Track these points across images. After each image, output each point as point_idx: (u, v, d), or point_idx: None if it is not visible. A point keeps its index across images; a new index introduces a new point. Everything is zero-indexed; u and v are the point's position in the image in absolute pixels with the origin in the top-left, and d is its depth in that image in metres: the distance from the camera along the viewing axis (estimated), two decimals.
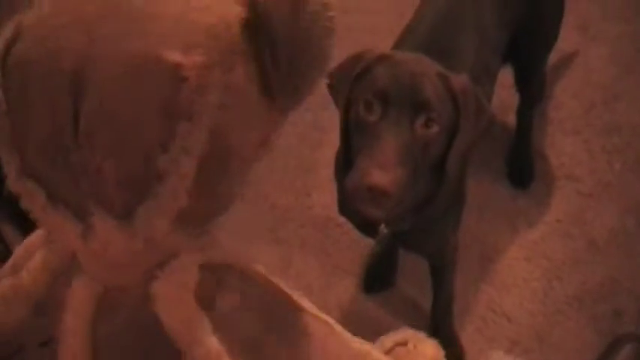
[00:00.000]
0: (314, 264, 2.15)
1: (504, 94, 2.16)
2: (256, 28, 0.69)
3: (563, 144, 2.30)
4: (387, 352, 0.95)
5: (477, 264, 2.11)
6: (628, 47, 2.46)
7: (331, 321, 0.88)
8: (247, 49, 0.70)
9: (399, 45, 1.72)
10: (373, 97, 1.35)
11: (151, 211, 0.68)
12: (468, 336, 2.01)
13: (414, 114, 1.35)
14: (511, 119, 2.24)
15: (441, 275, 1.88)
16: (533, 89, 2.13)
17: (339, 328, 0.88)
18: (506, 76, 1.93)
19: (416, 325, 1.96)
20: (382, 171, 1.28)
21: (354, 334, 1.99)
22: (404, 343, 0.98)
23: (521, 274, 2.10)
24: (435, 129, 1.36)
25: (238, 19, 0.68)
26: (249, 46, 0.70)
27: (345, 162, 1.44)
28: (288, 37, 0.71)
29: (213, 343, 0.74)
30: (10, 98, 0.69)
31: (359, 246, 2.11)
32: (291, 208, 2.24)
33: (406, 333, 0.97)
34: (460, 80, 1.42)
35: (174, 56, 0.64)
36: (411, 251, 1.82)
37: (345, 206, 1.58)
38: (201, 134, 0.66)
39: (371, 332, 1.98)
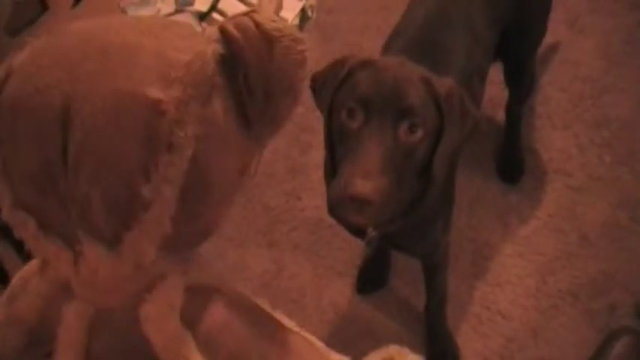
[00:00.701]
0: (307, 266, 2.14)
1: (493, 90, 2.16)
2: (232, 63, 0.74)
3: (553, 138, 2.29)
4: None
5: (470, 261, 2.11)
6: (616, 40, 2.46)
7: (311, 338, 0.92)
8: (224, 83, 0.75)
9: (388, 45, 1.71)
10: (355, 104, 1.34)
11: (138, 238, 0.72)
12: (462, 334, 2.01)
13: (397, 120, 1.33)
14: (500, 115, 2.24)
15: (433, 275, 1.87)
16: (522, 85, 2.12)
17: (319, 344, 0.92)
18: (494, 72, 1.92)
19: (410, 325, 2.02)
20: (364, 179, 1.26)
21: (349, 335, 2.01)
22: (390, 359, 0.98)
23: (514, 271, 2.10)
24: (419, 134, 1.34)
25: (214, 55, 0.73)
26: (225, 80, 0.75)
27: (331, 168, 1.43)
28: (262, 71, 0.76)
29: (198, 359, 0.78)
30: (2, 134, 0.74)
31: (351, 247, 2.10)
32: (283, 211, 2.23)
33: (391, 349, 0.99)
34: (444, 84, 1.40)
35: (154, 92, 0.69)
36: (402, 253, 1.81)
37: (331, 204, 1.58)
38: (181, 164, 0.71)
39: (365, 333, 2.03)
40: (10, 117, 0.73)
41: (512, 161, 2.24)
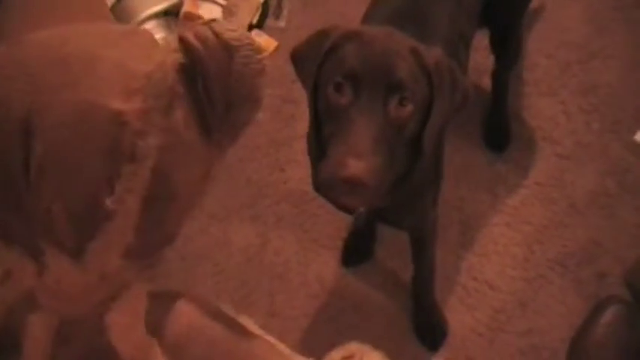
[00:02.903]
0: (291, 240, 2.11)
1: (478, 57, 2.12)
2: (192, 72, 0.75)
3: (540, 106, 2.26)
4: None
5: (457, 232, 2.08)
6: (602, 5, 2.41)
7: (274, 341, 0.93)
8: (184, 92, 0.75)
9: (370, 15, 1.66)
10: (343, 79, 1.29)
11: (101, 248, 0.72)
12: (450, 306, 1.99)
13: (387, 95, 1.29)
14: (486, 82, 2.20)
15: (421, 248, 1.84)
16: (509, 51, 2.08)
17: (281, 346, 0.94)
18: (479, 38, 1.88)
19: (397, 298, 2.00)
20: (358, 160, 1.22)
21: (335, 309, 1.99)
22: (351, 357, 0.98)
23: (502, 240, 2.07)
24: (409, 108, 1.30)
25: (174, 64, 0.74)
26: (185, 89, 0.75)
27: (317, 144, 1.39)
28: (222, 80, 0.76)
29: None
30: None
31: (336, 219, 2.07)
32: (266, 184, 2.19)
33: (352, 347, 0.98)
34: (434, 54, 1.36)
35: (115, 103, 0.69)
36: (390, 226, 1.78)
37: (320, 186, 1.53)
38: (144, 174, 0.71)
39: (352, 306, 2.01)
40: None
41: (499, 129, 2.21)
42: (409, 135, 1.34)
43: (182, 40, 0.76)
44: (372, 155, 1.24)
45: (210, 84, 0.76)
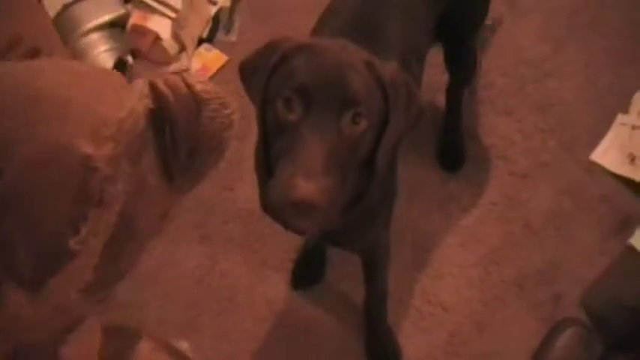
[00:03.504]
0: (240, 261, 2.03)
1: (432, 74, 2.05)
2: (160, 119, 0.75)
3: (495, 124, 2.22)
4: None
5: (410, 253, 2.02)
6: (558, 24, 2.39)
7: None
8: (150, 137, 0.76)
9: (320, 27, 1.60)
10: (293, 94, 1.21)
11: (60, 284, 0.72)
12: (403, 330, 1.93)
13: (340, 111, 1.21)
14: (440, 100, 2.16)
15: (373, 271, 1.78)
16: (463, 67, 2.04)
17: None
18: (433, 54, 1.83)
19: (349, 321, 1.93)
20: (308, 181, 1.14)
21: (284, 333, 1.92)
22: None
23: (456, 261, 2.02)
24: (363, 124, 1.23)
25: (145, 111, 0.75)
26: (152, 134, 0.76)
27: (265, 162, 1.31)
28: (189, 130, 0.78)
29: None
30: None
31: (286, 240, 2.00)
32: (215, 203, 2.12)
33: None
34: (389, 68, 1.29)
35: (86, 148, 0.69)
36: (341, 249, 1.71)
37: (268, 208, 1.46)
38: (110, 218, 0.72)
39: (302, 330, 1.93)
40: None
41: (453, 148, 2.16)
42: (363, 153, 1.27)
43: (152, 87, 0.76)
44: (324, 175, 1.16)
45: (177, 132, 0.77)
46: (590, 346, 1.85)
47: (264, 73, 1.26)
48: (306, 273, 2.00)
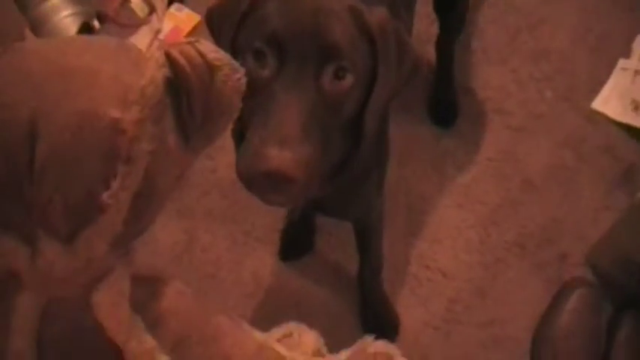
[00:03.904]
0: (222, 234, 1.91)
1: (421, 25, 1.95)
2: (176, 86, 0.84)
3: (489, 75, 2.10)
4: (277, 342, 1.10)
5: (404, 216, 1.91)
6: None
7: (238, 319, 1.06)
8: (168, 102, 0.84)
9: None
10: (264, 45, 1.07)
11: (92, 236, 0.82)
12: (401, 299, 1.82)
13: (320, 64, 1.07)
14: (430, 52, 2.03)
15: (367, 238, 1.66)
16: (454, 16, 1.91)
17: (242, 321, 1.07)
18: (421, 4, 1.69)
19: (341, 293, 1.81)
20: (282, 149, 1.01)
21: (273, 308, 1.81)
22: (289, 335, 1.10)
23: (454, 223, 1.92)
24: (348, 80, 1.09)
25: (164, 79, 0.82)
26: (169, 99, 0.84)
27: (239, 125, 1.16)
28: (203, 95, 0.86)
29: (147, 339, 0.91)
30: None
31: (271, 209, 1.85)
32: (193, 174, 1.98)
33: (290, 326, 1.11)
34: (378, 15, 1.14)
35: (114, 112, 0.78)
36: (331, 217, 1.58)
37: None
38: (137, 174, 0.81)
39: (291, 305, 1.81)
40: None
41: (446, 102, 2.04)
42: (348, 113, 1.13)
43: (169, 57, 0.83)
44: (301, 142, 1.03)
45: (192, 97, 0.85)
46: (599, 307, 1.75)
47: (232, 22, 1.12)
48: (294, 243, 1.88)
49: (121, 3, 2.23)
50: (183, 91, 0.84)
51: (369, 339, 1.07)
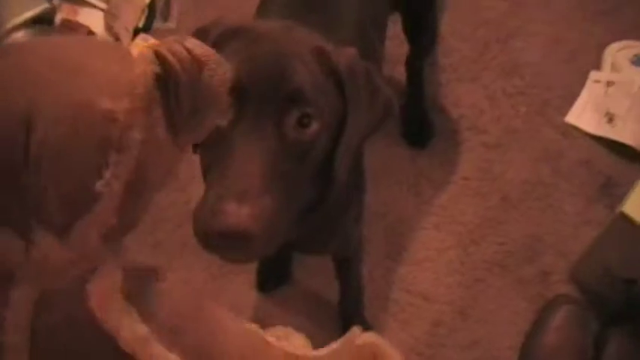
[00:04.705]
0: (198, 267, 1.86)
1: (391, 46, 1.88)
2: (165, 81, 0.86)
3: (461, 93, 2.08)
4: None
5: (382, 240, 1.87)
6: None
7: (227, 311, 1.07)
8: (158, 96, 0.86)
9: (265, 3, 1.43)
10: None
11: (86, 227, 0.83)
12: (382, 325, 1.78)
13: (282, 111, 1.02)
14: (399, 72, 2.01)
15: (346, 268, 1.62)
16: (424, 36, 1.88)
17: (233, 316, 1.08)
18: (389, 24, 1.67)
19: (321, 322, 1.76)
20: (240, 204, 0.95)
21: None
22: (278, 338, 1.10)
23: (433, 245, 1.88)
24: (313, 128, 1.04)
25: (152, 73, 0.85)
26: (158, 94, 0.86)
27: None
28: (191, 89, 0.87)
29: (141, 328, 0.91)
30: None
31: None
32: (166, 207, 1.94)
33: (278, 330, 1.12)
34: (346, 55, 1.10)
35: (106, 103, 0.81)
36: (309, 254, 1.53)
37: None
38: (129, 163, 0.82)
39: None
40: None
41: (419, 122, 2.01)
42: (315, 160, 1.08)
43: (157, 54, 0.86)
44: (261, 195, 0.97)
45: (180, 92, 0.86)
46: (585, 324, 1.72)
47: None
48: (272, 273, 1.83)
49: (84, 35, 2.20)
50: (171, 86, 0.87)
51: (357, 331, 1.05)
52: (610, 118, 1.98)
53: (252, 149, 0.99)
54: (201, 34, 1.10)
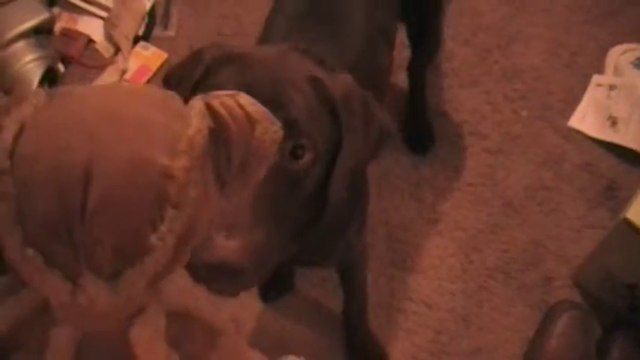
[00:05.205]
0: None
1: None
2: (217, 135, 0.86)
3: (462, 98, 2.07)
4: None
5: (385, 249, 1.86)
6: None
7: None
8: (210, 151, 0.86)
9: (271, 20, 1.42)
10: None
11: (136, 276, 0.82)
12: (386, 333, 1.77)
13: None
14: (402, 79, 2.00)
15: (350, 278, 1.61)
16: (429, 43, 1.86)
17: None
18: None
19: (325, 331, 1.76)
20: (229, 237, 0.94)
21: (257, 349, 1.75)
22: None
23: (436, 252, 1.87)
24: (306, 158, 1.03)
25: (208, 129, 0.85)
26: (210, 148, 0.86)
27: None
28: (242, 145, 0.87)
29: None
30: (21, 183, 0.83)
31: None
32: None
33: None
34: (341, 83, 1.09)
35: (165, 160, 0.81)
36: (311, 268, 1.51)
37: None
38: (185, 219, 0.82)
39: (275, 346, 1.76)
40: (29, 170, 0.82)
41: (421, 129, 2.00)
42: (308, 189, 1.07)
43: (210, 108, 0.86)
44: (250, 228, 0.97)
45: (232, 147, 0.87)
46: (588, 329, 1.72)
47: (184, 88, 1.05)
48: (273, 284, 1.82)
49: (85, 44, 2.20)
50: (222, 141, 0.87)
51: None
52: (613, 122, 1.98)
53: None
54: (197, 56, 1.11)
